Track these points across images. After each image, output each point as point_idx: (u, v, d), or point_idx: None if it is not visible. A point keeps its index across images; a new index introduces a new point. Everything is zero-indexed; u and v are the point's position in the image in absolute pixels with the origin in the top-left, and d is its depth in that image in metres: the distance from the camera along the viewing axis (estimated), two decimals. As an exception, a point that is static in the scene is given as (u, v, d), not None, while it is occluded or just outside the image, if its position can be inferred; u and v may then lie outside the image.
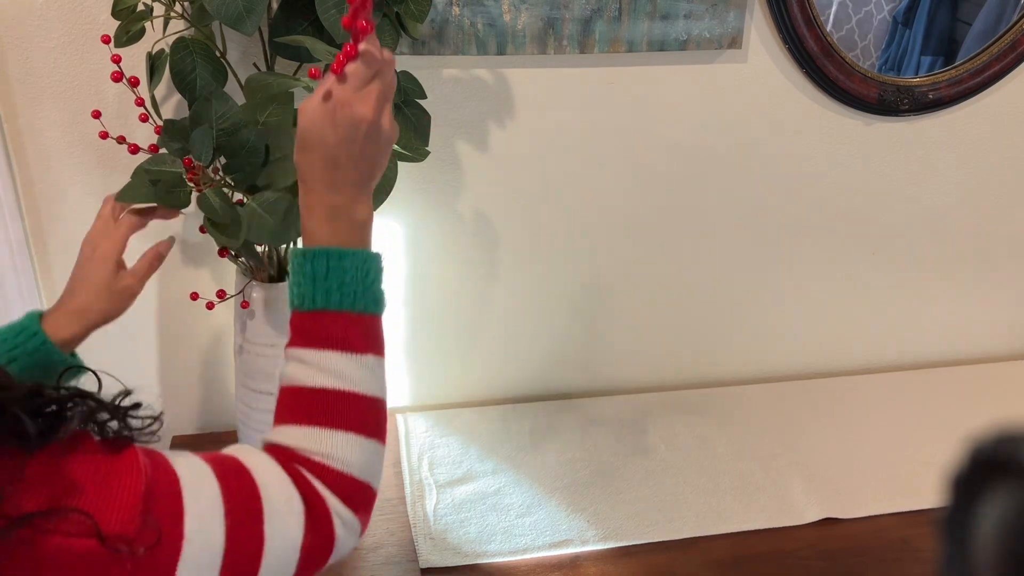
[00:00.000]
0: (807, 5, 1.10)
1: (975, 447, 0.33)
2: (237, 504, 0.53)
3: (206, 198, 0.83)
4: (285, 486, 0.57)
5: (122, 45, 0.87)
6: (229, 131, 0.82)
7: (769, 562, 1.00)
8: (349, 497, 0.60)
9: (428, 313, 1.23)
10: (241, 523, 0.53)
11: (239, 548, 0.52)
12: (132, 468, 0.48)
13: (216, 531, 0.51)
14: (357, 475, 0.61)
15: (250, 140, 0.83)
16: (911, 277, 1.37)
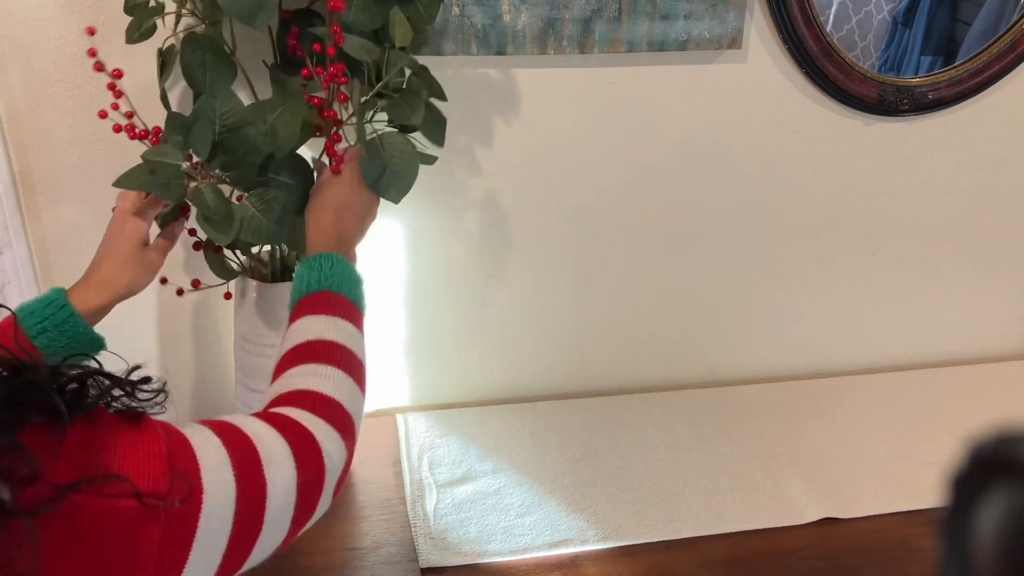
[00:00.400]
0: (807, 5, 1.10)
1: (975, 447, 0.33)
2: (239, 455, 0.58)
3: (200, 193, 0.83)
4: (273, 435, 0.63)
5: (134, 41, 0.87)
6: (232, 128, 0.82)
7: (769, 562, 1.00)
8: (339, 422, 0.69)
9: (428, 313, 1.23)
10: (245, 471, 0.57)
11: (248, 493, 0.57)
12: (152, 433, 0.53)
13: (227, 480, 0.56)
14: (345, 406, 0.71)
15: (252, 139, 0.82)
16: (911, 277, 1.37)
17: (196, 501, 0.53)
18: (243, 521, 0.57)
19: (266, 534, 0.59)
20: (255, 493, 0.58)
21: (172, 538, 0.51)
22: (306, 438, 0.65)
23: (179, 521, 0.51)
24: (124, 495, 0.48)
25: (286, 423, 0.65)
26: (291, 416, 0.66)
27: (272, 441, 0.62)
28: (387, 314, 1.22)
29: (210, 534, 0.54)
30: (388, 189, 0.88)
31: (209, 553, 0.54)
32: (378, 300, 1.21)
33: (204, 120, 0.82)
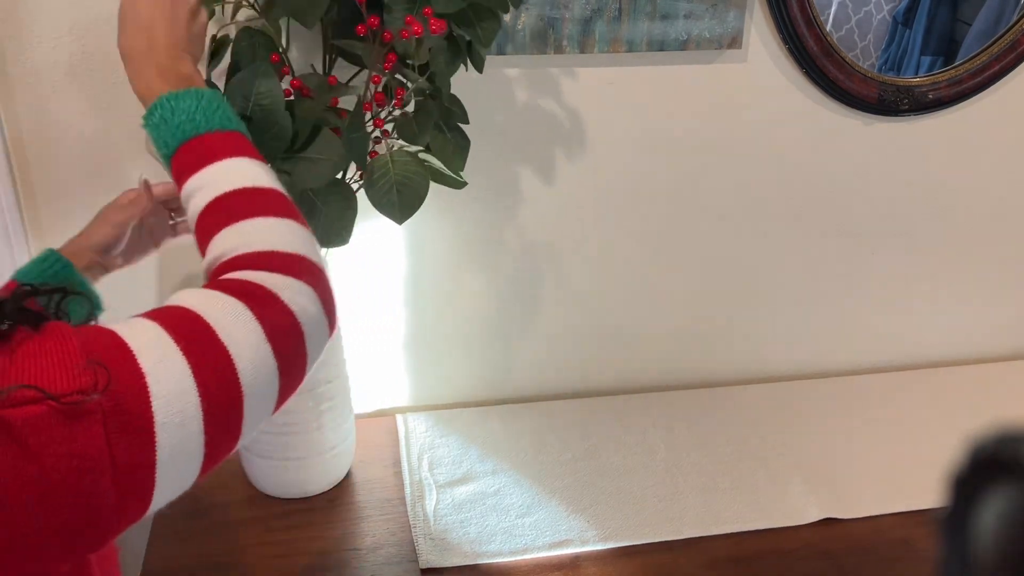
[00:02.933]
0: (807, 5, 1.10)
1: (975, 447, 0.33)
2: (182, 331, 0.53)
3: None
4: (216, 297, 0.57)
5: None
6: (266, 109, 0.81)
7: (769, 562, 1.00)
8: (285, 267, 0.60)
9: (428, 313, 1.23)
10: (194, 340, 0.53)
11: (205, 362, 0.53)
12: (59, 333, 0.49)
13: (173, 354, 0.52)
14: (280, 249, 0.61)
15: (281, 123, 0.82)
16: (911, 277, 1.37)
17: (138, 387, 0.49)
18: (214, 394, 0.52)
19: (251, 397, 0.55)
20: (215, 361, 0.54)
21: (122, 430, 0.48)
22: (251, 287, 0.58)
23: (123, 411, 0.49)
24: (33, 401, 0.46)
25: (229, 284, 0.58)
26: (231, 276, 0.59)
27: (216, 302, 0.56)
28: (387, 314, 1.22)
29: (174, 416, 0.50)
30: (392, 207, 0.88)
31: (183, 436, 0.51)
32: (378, 300, 1.21)
33: (237, 94, 0.81)
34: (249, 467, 1.08)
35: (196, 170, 0.66)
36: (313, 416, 1.02)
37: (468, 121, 0.96)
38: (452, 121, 0.94)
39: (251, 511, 1.06)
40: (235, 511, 1.05)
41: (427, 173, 0.90)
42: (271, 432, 1.02)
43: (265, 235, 0.63)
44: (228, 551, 1.00)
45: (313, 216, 0.88)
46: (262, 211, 0.64)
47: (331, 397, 1.04)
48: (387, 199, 0.88)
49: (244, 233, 0.62)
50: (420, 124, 0.89)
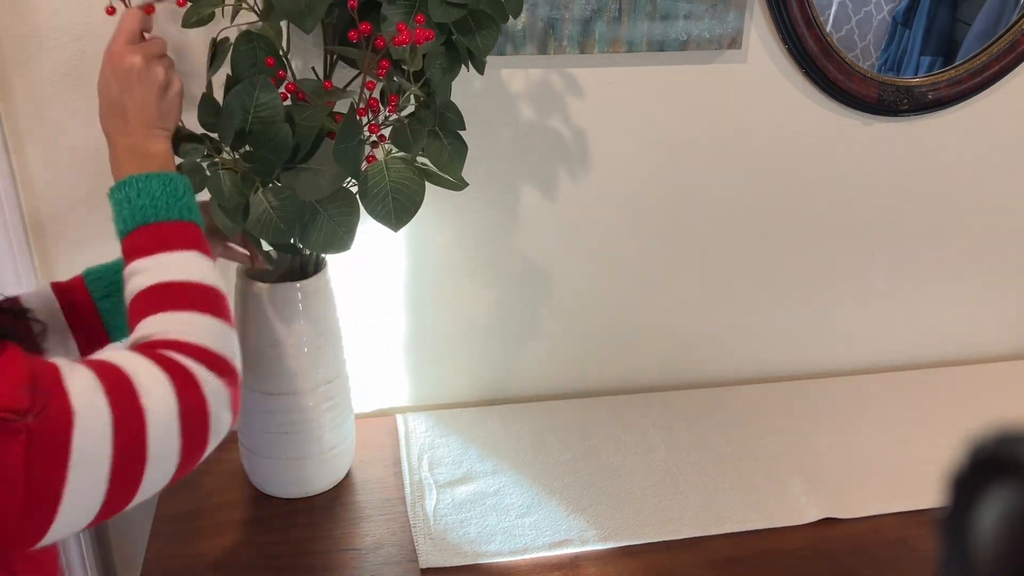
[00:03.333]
0: (807, 5, 1.10)
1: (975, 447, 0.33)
2: (112, 384, 0.58)
3: (217, 178, 0.82)
4: (147, 365, 0.61)
5: (190, 26, 0.86)
6: (265, 121, 0.81)
7: (769, 562, 1.00)
8: (213, 365, 0.65)
9: (428, 313, 1.23)
10: (120, 398, 0.57)
11: (125, 419, 0.57)
12: (13, 356, 0.53)
13: (100, 405, 0.56)
14: (210, 347, 0.66)
15: (281, 136, 0.82)
16: (911, 277, 1.37)
17: (65, 422, 0.53)
18: (125, 449, 0.57)
19: (153, 463, 0.59)
20: (133, 420, 0.58)
21: (41, 456, 0.52)
22: (179, 368, 0.63)
23: (47, 440, 0.52)
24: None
25: (158, 356, 0.63)
26: (167, 353, 0.64)
27: (146, 370, 0.61)
28: (387, 314, 1.22)
29: (88, 459, 0.54)
30: (388, 215, 0.88)
31: (91, 480, 0.55)
32: (378, 300, 1.21)
33: (237, 107, 0.81)
34: (249, 467, 1.08)
35: (147, 254, 0.70)
36: (313, 416, 1.02)
37: (464, 127, 0.95)
38: (448, 127, 0.94)
39: (251, 511, 1.06)
40: (235, 511, 1.05)
41: (422, 179, 0.89)
42: (271, 432, 1.02)
43: (200, 330, 0.67)
44: (228, 551, 1.00)
45: (315, 222, 0.88)
46: (201, 307, 0.68)
47: (331, 397, 1.04)
48: (382, 207, 0.87)
49: (182, 323, 0.67)
50: (413, 132, 0.89)
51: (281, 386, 1.00)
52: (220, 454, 1.13)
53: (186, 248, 0.71)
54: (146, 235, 0.71)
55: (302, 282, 0.98)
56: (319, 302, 1.00)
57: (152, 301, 0.68)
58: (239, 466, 1.09)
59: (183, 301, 0.68)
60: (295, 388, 1.00)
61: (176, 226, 0.72)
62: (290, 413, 1.01)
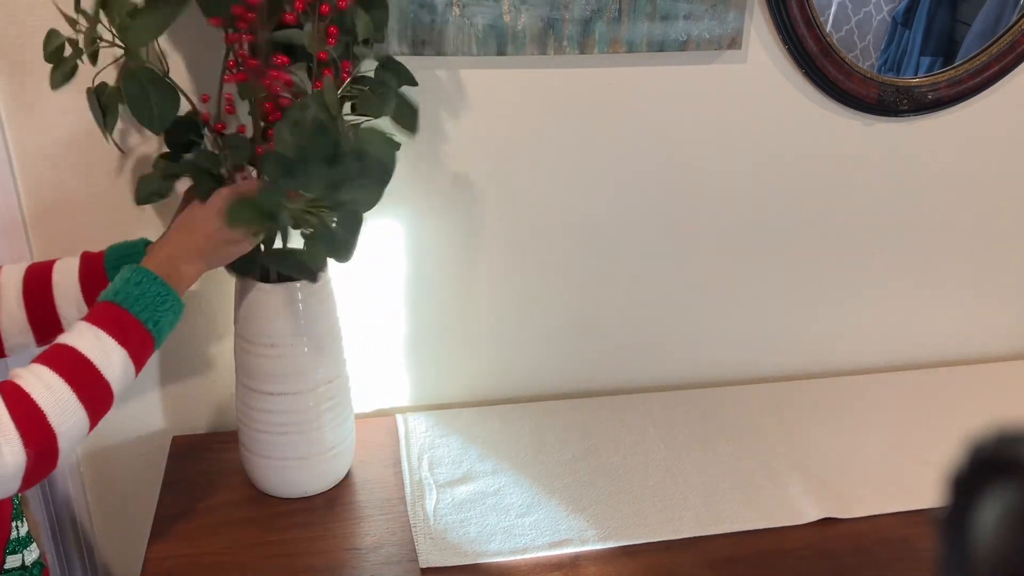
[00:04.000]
0: (807, 5, 1.10)
1: (975, 447, 0.33)
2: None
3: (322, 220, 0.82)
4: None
5: (59, 85, 0.84)
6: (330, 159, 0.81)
7: (769, 562, 1.00)
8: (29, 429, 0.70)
9: (428, 313, 1.23)
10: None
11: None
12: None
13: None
14: (49, 418, 0.72)
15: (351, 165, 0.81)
16: (911, 277, 1.37)
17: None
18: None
19: None
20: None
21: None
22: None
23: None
24: None
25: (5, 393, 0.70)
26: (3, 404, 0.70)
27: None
28: (387, 314, 1.22)
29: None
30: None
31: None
32: (378, 300, 1.21)
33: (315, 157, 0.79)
34: (249, 467, 1.08)
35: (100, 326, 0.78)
36: (313, 416, 1.02)
37: (415, 83, 0.97)
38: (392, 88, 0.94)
39: (251, 511, 1.06)
40: (235, 511, 1.05)
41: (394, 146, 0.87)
42: (271, 432, 1.02)
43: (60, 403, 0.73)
44: (228, 551, 1.00)
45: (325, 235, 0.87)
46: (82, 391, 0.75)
47: (331, 397, 1.04)
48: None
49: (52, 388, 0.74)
50: (382, 96, 0.88)
51: (281, 386, 1.00)
52: (220, 454, 1.14)
53: (127, 347, 0.79)
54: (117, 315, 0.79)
55: (302, 282, 0.98)
56: (319, 302, 1.00)
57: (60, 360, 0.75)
58: (239, 466, 1.09)
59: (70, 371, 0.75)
60: (295, 388, 1.00)
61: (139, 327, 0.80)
62: (290, 413, 1.01)
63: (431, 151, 1.12)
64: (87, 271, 0.90)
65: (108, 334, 0.78)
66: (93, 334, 0.77)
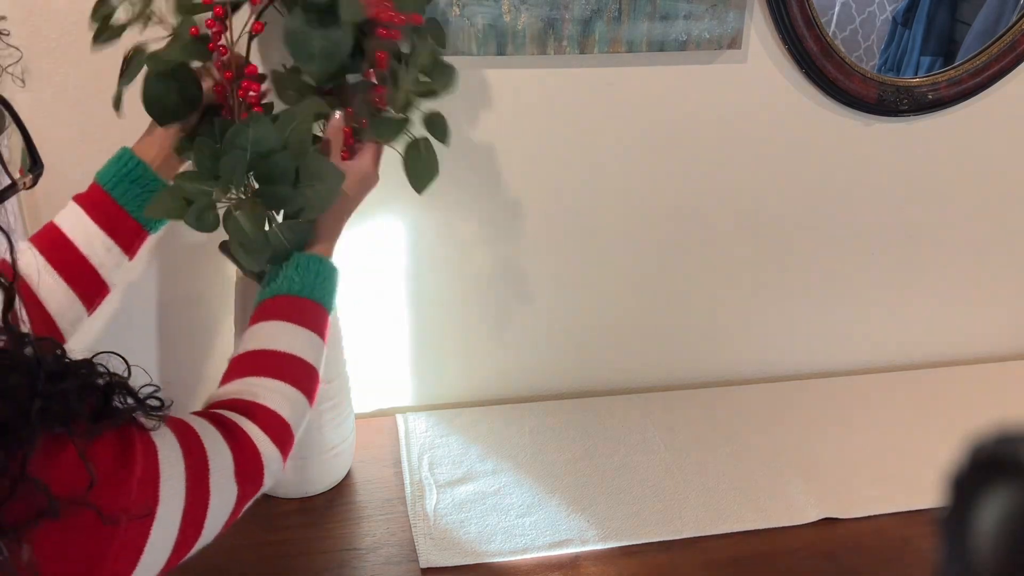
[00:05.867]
0: (807, 5, 1.10)
1: (975, 447, 0.33)
2: (193, 469, 0.64)
3: (235, 220, 0.82)
4: (225, 451, 0.68)
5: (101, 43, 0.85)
6: (264, 155, 0.81)
7: (769, 562, 1.00)
8: (282, 443, 0.75)
9: (429, 313, 1.23)
10: (195, 484, 0.64)
11: (193, 503, 0.64)
12: (134, 458, 0.58)
13: (179, 492, 0.62)
14: (292, 426, 0.76)
15: (282, 164, 0.81)
16: (911, 277, 1.37)
17: (152, 512, 0.59)
18: (187, 527, 0.63)
19: (203, 538, 0.66)
20: (200, 504, 0.65)
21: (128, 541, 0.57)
22: (253, 455, 0.71)
23: (135, 528, 0.58)
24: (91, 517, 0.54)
25: (239, 436, 0.71)
26: (243, 428, 0.72)
27: (223, 454, 0.68)
28: (388, 314, 1.22)
29: (159, 538, 0.60)
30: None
31: (157, 554, 0.60)
32: (378, 300, 1.21)
33: (236, 149, 0.80)
34: (249, 467, 1.07)
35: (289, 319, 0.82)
36: (313, 416, 1.02)
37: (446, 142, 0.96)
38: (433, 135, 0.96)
39: (251, 511, 1.05)
40: (235, 511, 1.05)
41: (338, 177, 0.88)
42: (271, 432, 1.02)
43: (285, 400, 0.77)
44: (228, 551, 1.00)
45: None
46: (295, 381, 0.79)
47: (331, 397, 1.04)
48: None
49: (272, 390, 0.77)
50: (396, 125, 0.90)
51: (281, 386, 1.00)
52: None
53: (320, 334, 0.84)
54: (303, 307, 0.83)
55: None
56: (319, 302, 1.00)
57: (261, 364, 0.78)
58: (239, 466, 1.09)
59: (291, 374, 0.79)
60: (295, 388, 1.00)
61: (313, 306, 0.84)
62: (290, 413, 1.01)
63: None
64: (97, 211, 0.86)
65: (315, 333, 0.83)
66: (307, 338, 0.82)
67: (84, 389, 0.57)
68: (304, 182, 0.83)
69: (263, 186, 0.82)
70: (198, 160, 0.83)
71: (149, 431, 0.61)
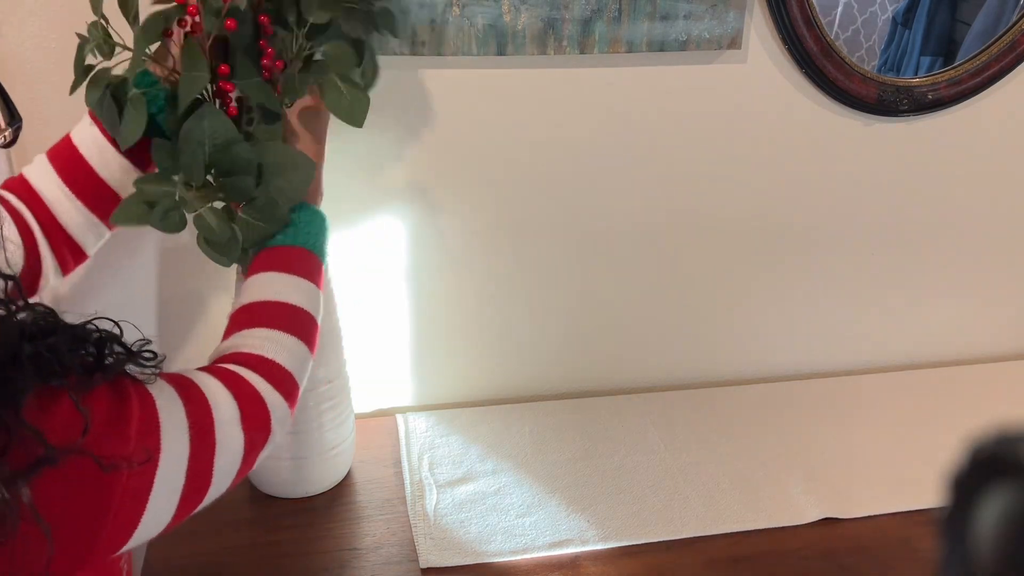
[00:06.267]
0: (807, 5, 1.10)
1: (975, 447, 0.33)
2: (195, 418, 0.65)
3: (202, 218, 0.81)
4: (227, 397, 0.69)
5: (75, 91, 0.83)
6: (222, 147, 0.79)
7: (769, 562, 1.00)
8: (287, 391, 0.75)
9: (429, 313, 1.23)
10: (199, 433, 0.65)
11: (199, 453, 0.65)
12: (130, 407, 0.59)
13: (183, 440, 0.63)
14: (287, 367, 0.76)
15: (243, 155, 0.80)
16: (911, 277, 1.37)
17: (154, 459, 0.60)
18: (194, 477, 0.64)
19: (213, 487, 0.67)
20: (206, 453, 0.65)
21: (131, 490, 0.58)
22: (257, 402, 0.72)
23: (138, 477, 0.59)
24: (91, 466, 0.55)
25: (241, 385, 0.71)
26: (245, 377, 0.72)
27: (226, 403, 0.69)
28: (388, 314, 1.22)
29: (164, 487, 0.61)
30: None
31: (164, 503, 0.62)
32: (378, 300, 1.21)
33: (193, 143, 0.79)
34: (249, 467, 1.07)
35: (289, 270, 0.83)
36: (313, 416, 1.02)
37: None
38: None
39: (251, 511, 1.06)
40: (235, 511, 1.05)
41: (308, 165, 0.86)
42: (271, 432, 1.02)
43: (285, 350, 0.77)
44: (228, 551, 1.00)
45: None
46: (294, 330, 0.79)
47: (331, 397, 1.04)
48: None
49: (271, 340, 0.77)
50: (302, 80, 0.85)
51: (281, 386, 1.00)
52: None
53: (317, 284, 0.84)
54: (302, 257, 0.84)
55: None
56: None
57: (256, 315, 0.79)
58: (239, 466, 1.09)
59: (290, 323, 0.79)
60: (295, 388, 1.00)
61: (307, 254, 0.85)
62: (290, 413, 1.01)
63: (430, 151, 1.12)
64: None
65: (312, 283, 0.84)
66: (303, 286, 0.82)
67: (75, 342, 0.58)
68: (271, 173, 0.82)
69: (225, 179, 0.81)
70: (158, 160, 0.81)
71: (143, 383, 0.62)
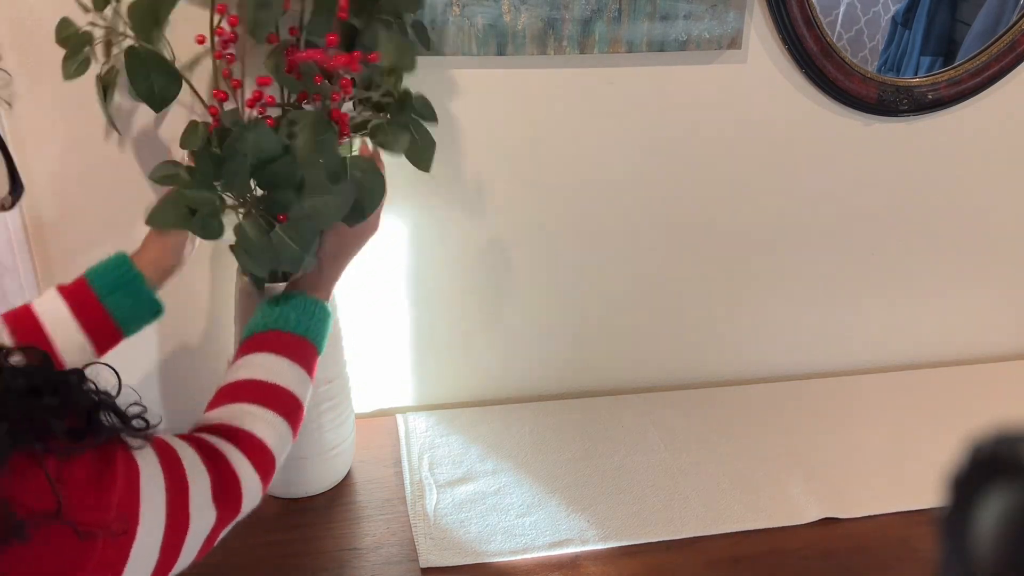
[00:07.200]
0: (807, 5, 1.10)
1: (975, 447, 0.33)
2: (173, 493, 0.64)
3: (241, 227, 0.82)
4: (204, 477, 0.69)
5: (72, 76, 0.86)
6: (265, 161, 0.81)
7: (769, 562, 1.00)
8: (264, 470, 0.76)
9: (429, 313, 1.23)
10: (175, 509, 0.64)
11: (172, 527, 0.64)
12: (115, 473, 0.58)
13: (160, 514, 0.62)
14: (275, 454, 0.78)
15: (285, 170, 0.81)
16: (911, 277, 1.37)
17: (130, 531, 0.59)
18: (166, 551, 0.63)
19: (179, 563, 0.66)
20: (179, 527, 0.65)
21: (106, 561, 0.57)
22: (232, 483, 0.72)
23: (114, 549, 0.58)
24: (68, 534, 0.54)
25: (219, 461, 0.72)
26: (224, 454, 0.73)
27: (202, 482, 0.68)
28: (387, 314, 1.22)
29: (138, 560, 0.60)
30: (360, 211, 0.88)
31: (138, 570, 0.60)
32: (378, 300, 1.21)
33: (238, 156, 0.81)
34: (249, 467, 1.07)
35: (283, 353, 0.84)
36: (313, 416, 1.02)
37: (436, 119, 0.95)
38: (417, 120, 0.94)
39: (251, 511, 1.06)
40: (235, 511, 1.05)
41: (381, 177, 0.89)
42: (271, 432, 1.02)
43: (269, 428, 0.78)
44: (228, 551, 0.99)
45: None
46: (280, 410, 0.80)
47: (331, 397, 1.04)
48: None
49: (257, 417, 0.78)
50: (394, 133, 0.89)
51: (281, 386, 1.00)
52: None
53: (310, 373, 0.86)
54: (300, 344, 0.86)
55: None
56: (319, 302, 1.00)
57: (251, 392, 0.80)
58: (239, 466, 1.09)
59: (280, 404, 0.80)
60: (295, 388, 1.00)
61: (315, 355, 0.88)
62: (290, 413, 1.01)
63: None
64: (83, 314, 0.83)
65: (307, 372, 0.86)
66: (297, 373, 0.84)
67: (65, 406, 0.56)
68: (310, 192, 0.83)
69: (265, 192, 0.82)
70: (200, 168, 0.83)
71: (132, 450, 0.61)
